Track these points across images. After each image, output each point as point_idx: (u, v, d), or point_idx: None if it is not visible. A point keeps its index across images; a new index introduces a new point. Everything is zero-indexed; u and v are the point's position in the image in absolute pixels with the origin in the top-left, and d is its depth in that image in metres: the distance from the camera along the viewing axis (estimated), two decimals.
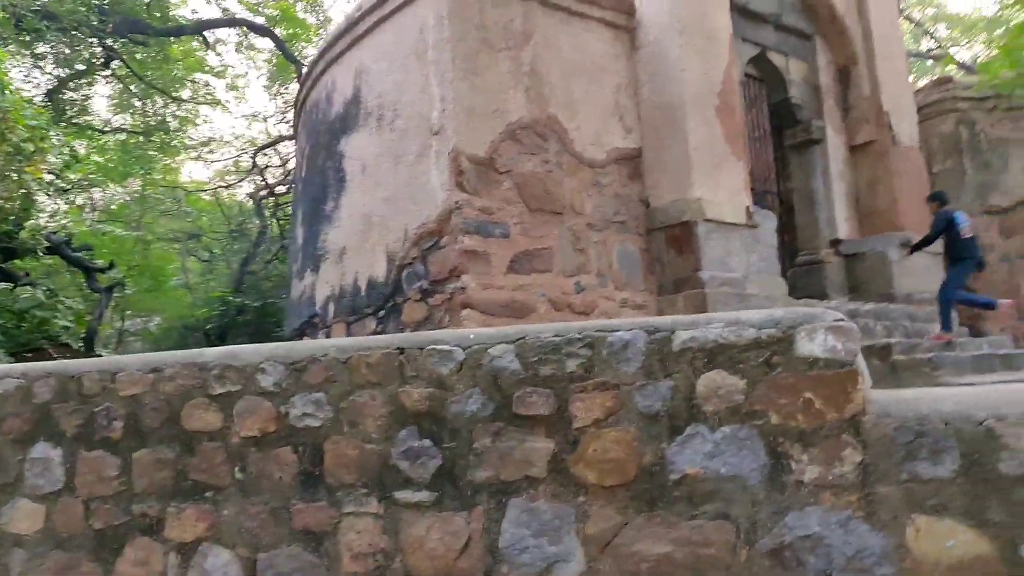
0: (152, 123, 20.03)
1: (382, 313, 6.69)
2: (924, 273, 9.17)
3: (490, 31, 6.61)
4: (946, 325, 7.44)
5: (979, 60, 20.46)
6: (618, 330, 2.62)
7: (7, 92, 7.03)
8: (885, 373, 6.08)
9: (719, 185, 7.25)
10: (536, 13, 6.97)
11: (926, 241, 7.84)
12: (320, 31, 16.56)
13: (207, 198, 22.73)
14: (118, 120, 19.92)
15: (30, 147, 7.15)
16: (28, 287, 9.51)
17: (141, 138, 17.98)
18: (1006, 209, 10.32)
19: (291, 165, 18.77)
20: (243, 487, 3.11)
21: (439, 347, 2.86)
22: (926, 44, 21.88)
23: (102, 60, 14.01)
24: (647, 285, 7.22)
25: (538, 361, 2.71)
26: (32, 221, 8.57)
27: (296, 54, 15.95)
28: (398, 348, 2.93)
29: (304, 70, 9.16)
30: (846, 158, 9.54)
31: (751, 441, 2.41)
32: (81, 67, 13.92)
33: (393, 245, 6.66)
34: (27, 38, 11.47)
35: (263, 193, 20.63)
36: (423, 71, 6.59)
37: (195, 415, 3.23)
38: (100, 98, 19.03)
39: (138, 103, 19.55)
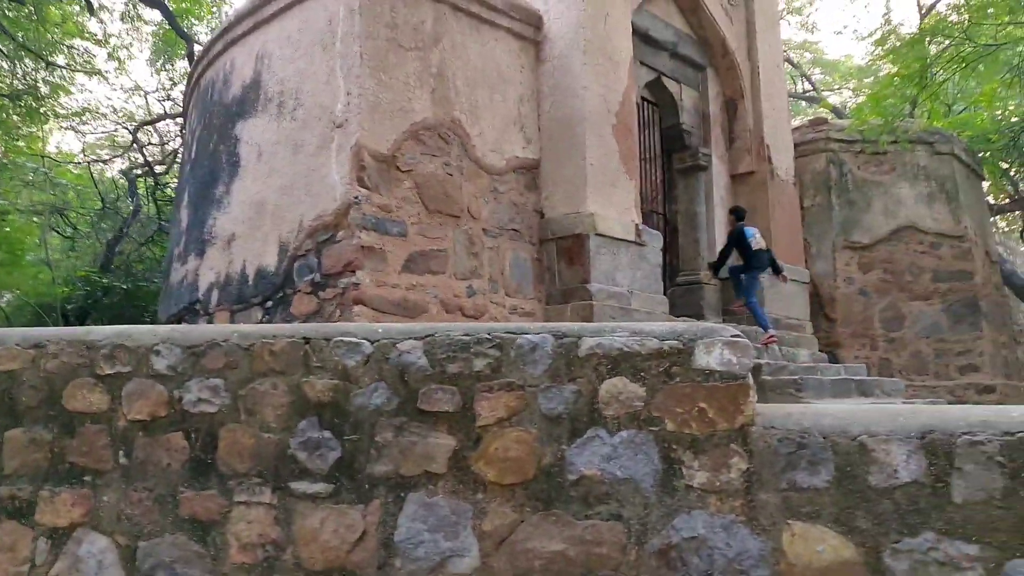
0: (20, 87, 18.81)
1: (270, 304, 6.54)
2: (792, 299, 9.74)
3: (400, 30, 6.60)
4: (764, 325, 8.15)
5: (849, 105, 21.93)
6: (527, 333, 2.70)
7: None
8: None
9: (611, 202, 7.48)
10: (447, 17, 7.01)
11: (721, 256, 8.64)
12: (214, 8, 15.99)
13: (75, 172, 21.50)
14: None
15: None
16: None
17: (6, 101, 16.85)
18: (866, 246, 11.08)
19: (172, 145, 18.06)
20: (127, 472, 3.01)
21: (347, 339, 2.87)
22: (802, 86, 23.20)
23: None
24: (536, 293, 7.37)
25: (446, 359, 2.76)
26: None
27: (186, 30, 15.34)
28: (304, 338, 2.91)
29: (200, 48, 8.86)
30: (728, 185, 10.02)
31: (647, 446, 2.54)
32: None
33: (286, 235, 6.54)
34: None
35: (139, 171, 19.71)
36: (329, 63, 6.51)
37: (78, 395, 3.09)
38: None
39: (6, 64, 18.33)
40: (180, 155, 15.17)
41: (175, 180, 16.94)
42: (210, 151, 7.88)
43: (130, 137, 19.98)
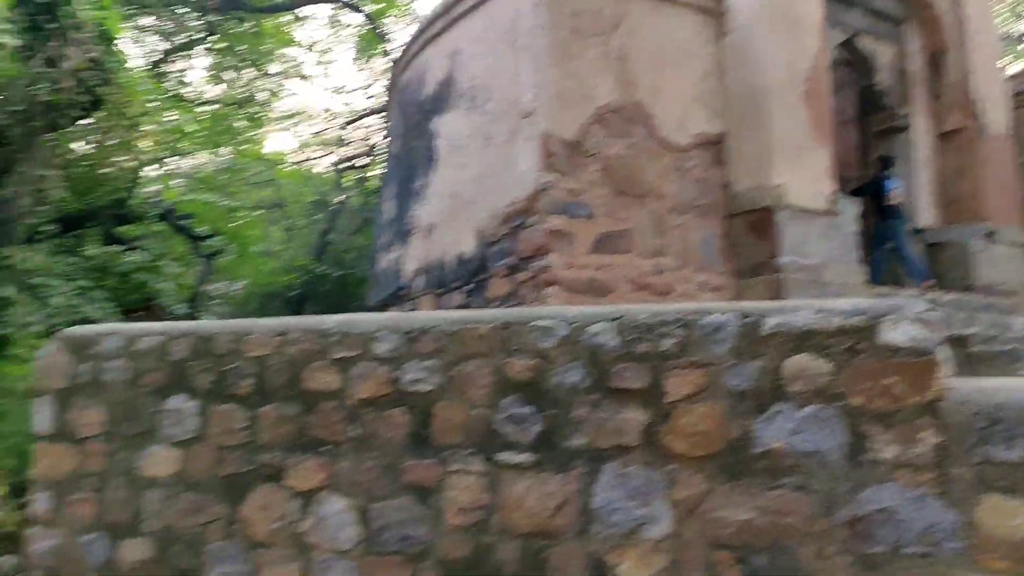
0: (241, 96, 20.74)
1: (469, 287, 7.00)
2: (1006, 263, 9.04)
3: (581, 18, 6.79)
4: (919, 273, 8.27)
5: None
6: (712, 313, 2.84)
7: (124, 67, 7.52)
8: (961, 363, 6.12)
9: (800, 172, 7.31)
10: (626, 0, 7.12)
11: (859, 191, 8.55)
12: (408, 8, 16.87)
13: (289, 169, 23.47)
14: (210, 92, 20.71)
15: (146, 121, 7.65)
16: (137, 251, 10.13)
17: (233, 108, 18.67)
18: None
19: (373, 139, 19.23)
20: (357, 444, 3.44)
21: (542, 323, 3.13)
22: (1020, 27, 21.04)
23: (202, 34, 14.63)
24: (725, 269, 7.36)
25: (635, 339, 2.95)
26: (142, 189, 9.15)
27: (382, 30, 16.31)
28: (504, 323, 3.21)
29: (400, 50, 9.49)
30: (933, 145, 9.42)
31: (833, 421, 2.61)
32: (182, 41, 14.57)
33: (482, 222, 6.95)
34: (132, 10, 12.08)
35: (344, 166, 21.20)
36: (516, 56, 6.82)
37: (315, 376, 3.57)
38: (193, 71, 19.72)
39: (228, 76, 20.28)
40: (384, 150, 16.25)
41: (379, 173, 18.13)
42: (410, 146, 8.47)
43: (337, 134, 21.56)
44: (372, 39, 17.55)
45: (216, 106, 20.22)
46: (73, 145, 7.51)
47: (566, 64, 6.63)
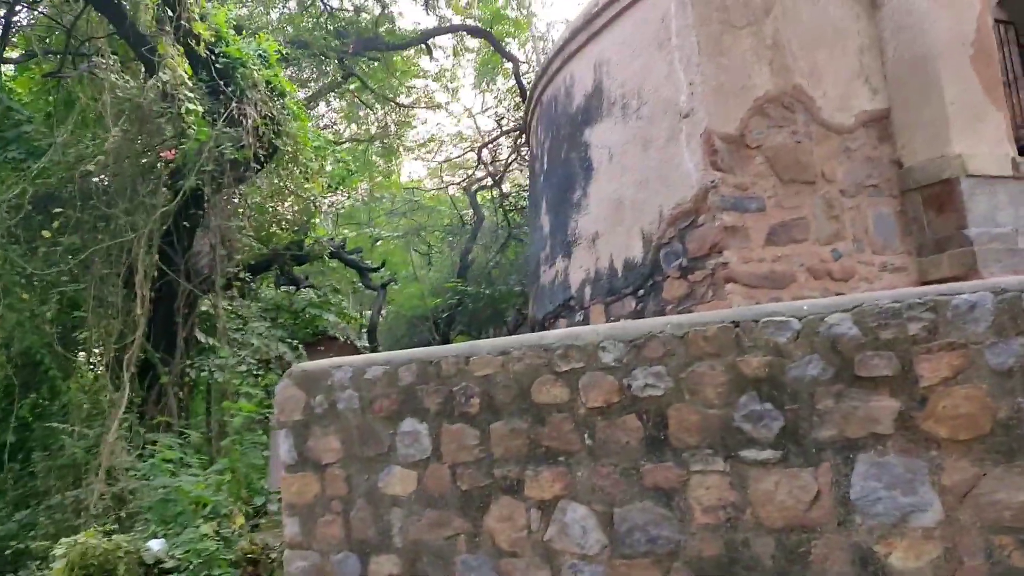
0: (378, 131, 21.58)
1: (641, 292, 7.03)
2: None
3: (731, 10, 6.73)
4: None
5: None
6: (962, 293, 2.78)
7: (294, 118, 8.04)
8: None
9: (979, 138, 6.96)
10: None
11: None
12: (528, 25, 17.14)
13: (427, 195, 24.20)
14: (346, 131, 21.67)
15: (315, 165, 8.13)
16: (309, 288, 10.74)
17: (372, 144, 19.46)
18: None
19: (504, 158, 19.55)
20: (592, 451, 3.55)
21: (775, 319, 3.14)
22: None
23: (341, 78, 15.38)
24: (905, 247, 7.08)
25: (878, 326, 2.92)
26: (314, 231, 9.72)
27: (506, 49, 16.64)
28: (733, 322, 3.24)
29: (535, 68, 9.67)
30: None
31: None
32: (324, 85, 15.37)
33: (648, 226, 6.98)
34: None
35: (477, 187, 21.67)
36: (667, 57, 6.83)
37: (543, 390, 3.70)
38: (331, 112, 20.69)
39: (363, 113, 21.16)
40: (525, 168, 16.50)
41: (517, 191, 18.42)
42: (562, 159, 8.60)
43: (470, 157, 22.09)
44: (496, 61, 17.91)
45: (352, 143, 21.18)
46: (255, 195, 8.08)
47: (719, 58, 6.59)
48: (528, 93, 10.58)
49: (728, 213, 6.28)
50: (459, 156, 21.82)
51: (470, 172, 22.54)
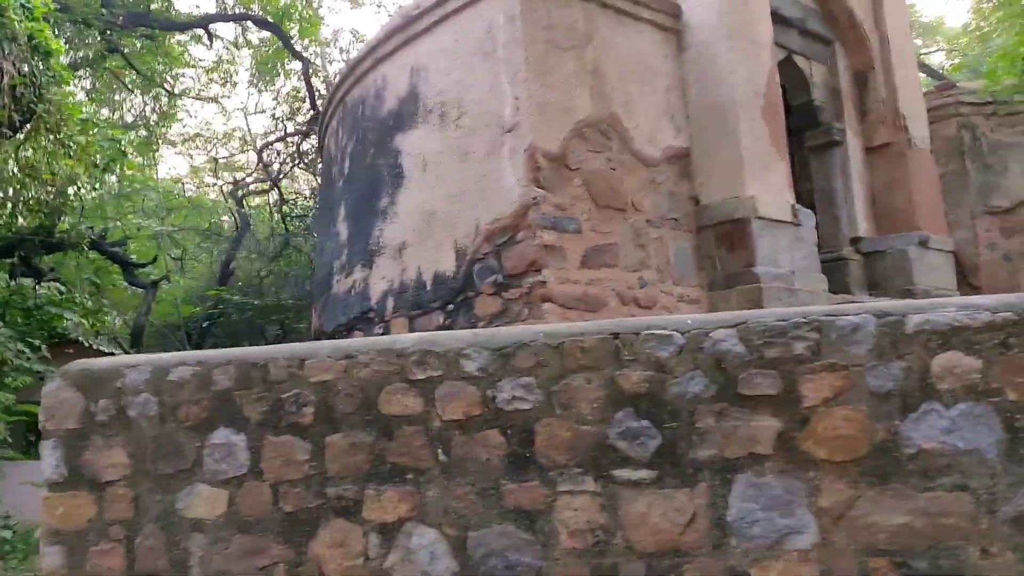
0: (130, 118, 19.68)
1: (451, 307, 6.79)
2: (938, 269, 9.57)
3: (556, 31, 6.76)
4: None
5: (945, 67, 21.31)
6: (846, 314, 2.81)
7: (61, 83, 6.93)
8: None
9: (767, 184, 7.51)
10: (596, 14, 7.14)
11: None
12: (319, 25, 16.43)
13: (186, 195, 22.39)
14: (100, 113, 19.53)
15: (82, 140, 7.06)
16: (55, 283, 9.34)
17: (130, 131, 17.66)
18: (1007, 210, 10.78)
19: (279, 163, 18.57)
20: (447, 469, 3.22)
21: (657, 332, 3.02)
22: None
23: (104, 52, 13.78)
24: (699, 280, 7.44)
25: (763, 344, 2.88)
26: (71, 215, 8.45)
27: (294, 47, 15.85)
28: (612, 333, 3.07)
29: (344, 67, 9.19)
30: (863, 159, 9.89)
31: (987, 417, 2.62)
32: (80, 57, 13.68)
33: (462, 240, 6.77)
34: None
35: (246, 190, 20.42)
36: (492, 69, 6.71)
37: (393, 400, 3.32)
38: (81, 90, 18.58)
39: (120, 97, 19.21)
40: (304, 173, 15.74)
41: (295, 197, 17.51)
42: (367, 165, 8.19)
43: (239, 159, 20.77)
44: (280, 57, 17.01)
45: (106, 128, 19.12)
46: (2, 167, 6.84)
47: (545, 76, 6.58)
48: (330, 92, 10.04)
49: (548, 232, 6.23)
50: (228, 157, 20.42)
51: (237, 175, 21.23)
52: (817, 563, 2.74)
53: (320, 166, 14.40)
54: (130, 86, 16.81)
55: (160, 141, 20.44)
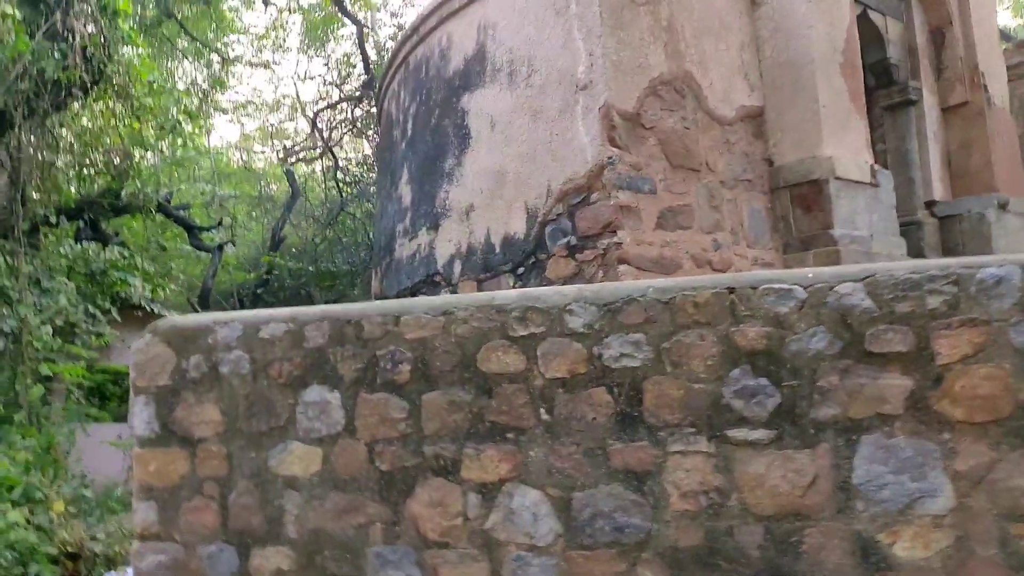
0: (181, 85, 19.74)
1: (521, 270, 6.68)
2: (1018, 233, 9.20)
3: None
4: None
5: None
6: (988, 266, 2.63)
7: (129, 43, 6.90)
8: None
9: (845, 143, 7.24)
10: None
11: None
12: None
13: (238, 162, 22.53)
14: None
15: (149, 102, 7.04)
16: (120, 247, 9.42)
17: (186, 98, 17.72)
18: None
19: (337, 130, 18.49)
20: (550, 428, 3.12)
21: (776, 286, 2.87)
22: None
23: (159, 18, 13.80)
24: (773, 243, 7.23)
25: (894, 298, 2.72)
26: (138, 178, 8.47)
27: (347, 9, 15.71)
28: (727, 288, 2.93)
29: (408, 27, 9.06)
30: (939, 119, 9.52)
31: None
32: (140, 24, 13.72)
33: (533, 201, 6.64)
34: None
35: (296, 158, 20.43)
36: (564, 25, 6.52)
37: (493, 357, 3.23)
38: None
39: (172, 64, 19.27)
40: (358, 139, 15.64)
41: (348, 164, 17.44)
42: (432, 126, 8.07)
43: (287, 127, 20.78)
44: (333, 22, 16.91)
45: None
46: (76, 128, 6.86)
47: (620, 32, 6.37)
48: (391, 54, 9.92)
49: (624, 192, 6.07)
50: (278, 124, 20.42)
51: (287, 142, 21.27)
52: (952, 528, 2.60)
53: (377, 130, 14.34)
54: (183, 53, 16.81)
55: (212, 108, 20.53)
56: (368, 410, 3.39)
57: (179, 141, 18.89)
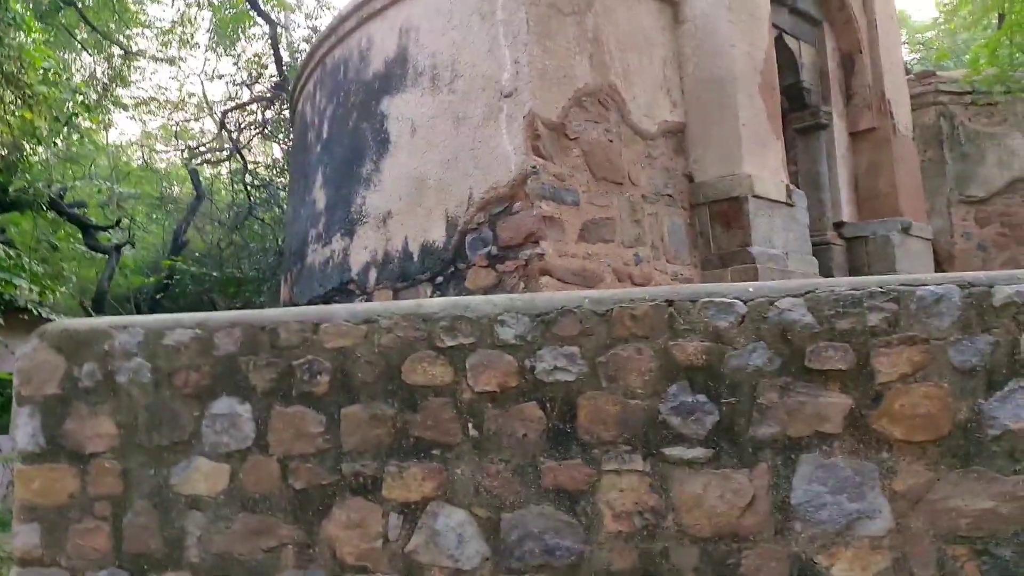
0: (78, 78, 18.75)
1: (440, 279, 6.50)
2: (918, 256, 9.57)
3: None
4: None
5: (911, 61, 21.58)
6: (927, 284, 2.61)
7: (22, 27, 6.40)
8: None
9: (764, 162, 7.35)
10: None
11: None
12: None
13: (141, 160, 21.52)
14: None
15: (43, 91, 6.55)
16: (4, 245, 8.75)
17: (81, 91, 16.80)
18: (982, 199, 10.86)
19: (243, 132, 17.88)
20: (478, 444, 2.96)
21: (716, 299, 2.78)
22: None
23: (57, 5, 13.03)
24: (692, 259, 7.27)
25: (834, 315, 2.67)
26: (28, 171, 7.88)
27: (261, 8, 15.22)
28: (666, 300, 2.83)
29: (326, 27, 8.76)
30: (848, 143, 9.82)
31: None
32: (36, 11, 12.90)
33: (454, 209, 6.47)
34: None
35: (202, 158, 19.67)
36: (490, 31, 6.41)
37: (419, 369, 3.04)
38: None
39: (67, 55, 18.28)
40: (268, 141, 15.11)
41: (255, 165, 16.84)
42: (349, 129, 7.82)
43: (193, 126, 20.00)
44: (243, 20, 16.35)
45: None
46: None
47: (546, 41, 6.30)
48: (307, 54, 9.60)
49: (547, 202, 5.98)
50: (183, 123, 19.63)
51: (192, 143, 20.47)
52: (890, 550, 2.55)
53: (289, 133, 13.92)
54: (82, 44, 15.97)
55: (112, 103, 19.56)
56: (282, 423, 3.15)
57: (74, 136, 17.97)
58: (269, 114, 15.46)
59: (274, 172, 16.28)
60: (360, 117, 7.66)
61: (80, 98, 8.19)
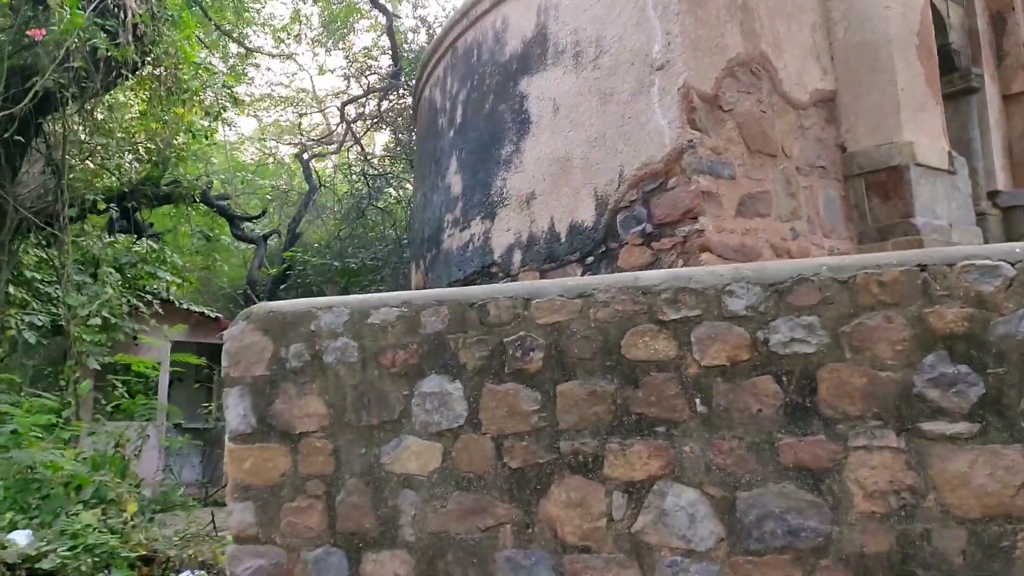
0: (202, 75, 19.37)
1: (590, 259, 6.37)
2: None
3: None
4: None
5: None
6: None
7: (179, 23, 6.58)
8: None
9: (923, 129, 6.94)
10: None
11: None
12: None
13: (248, 159, 22.11)
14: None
15: (195, 85, 6.72)
16: (153, 239, 9.10)
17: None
18: None
19: (358, 122, 18.14)
20: (707, 421, 2.82)
21: (978, 262, 2.57)
22: None
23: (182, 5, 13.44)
24: (847, 232, 6.92)
25: None
26: (181, 166, 8.15)
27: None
28: (919, 265, 2.63)
29: (456, 12, 8.73)
30: (1000, 107, 9.21)
31: None
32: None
33: (603, 188, 6.33)
34: None
35: (313, 152, 20.07)
36: (638, 3, 6.22)
37: (639, 343, 2.93)
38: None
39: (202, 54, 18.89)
40: (385, 131, 15.30)
41: (371, 157, 17.08)
42: (485, 112, 7.77)
43: (303, 121, 20.41)
44: (349, 13, 16.57)
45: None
46: (123, 111, 6.54)
47: (697, 11, 6.07)
48: (435, 40, 9.61)
49: (704, 177, 5.77)
50: (297, 117, 20.06)
51: (305, 136, 20.90)
52: None
53: (406, 122, 14.04)
54: (203, 42, 16.44)
55: (232, 100, 20.13)
56: (495, 402, 3.09)
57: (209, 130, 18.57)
58: (384, 104, 15.63)
59: (390, 162, 16.47)
60: (497, 99, 7.59)
61: (228, 91, 8.40)
